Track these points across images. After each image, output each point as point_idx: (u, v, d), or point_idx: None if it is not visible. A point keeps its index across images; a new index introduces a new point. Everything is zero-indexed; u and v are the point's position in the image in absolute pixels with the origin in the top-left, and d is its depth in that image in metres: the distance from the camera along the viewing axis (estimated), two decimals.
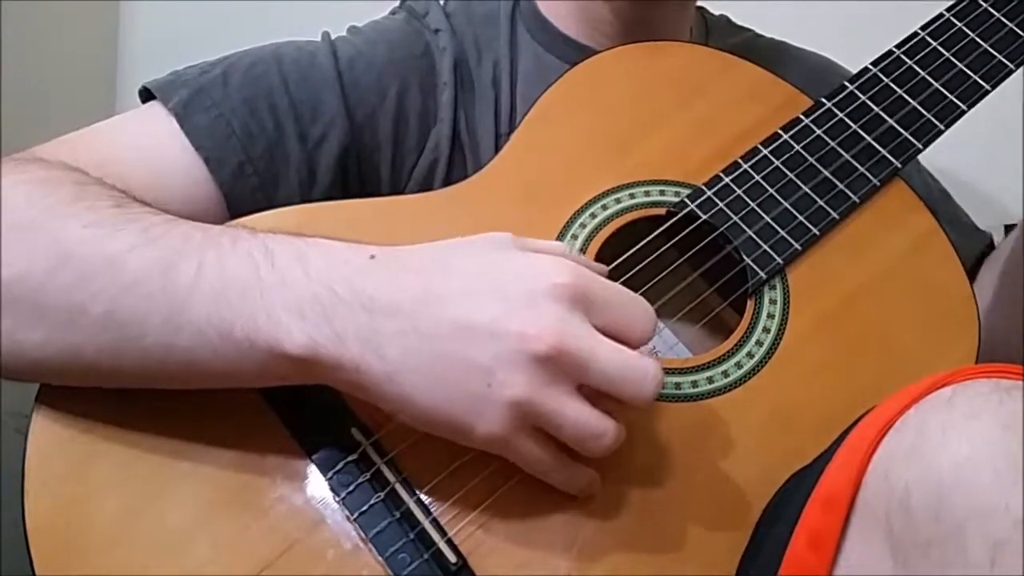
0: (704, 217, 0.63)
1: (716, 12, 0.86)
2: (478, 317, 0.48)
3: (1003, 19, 0.68)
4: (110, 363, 0.51)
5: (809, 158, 0.65)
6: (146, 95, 0.68)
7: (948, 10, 0.69)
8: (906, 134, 0.65)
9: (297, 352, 0.49)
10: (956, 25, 0.68)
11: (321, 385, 0.52)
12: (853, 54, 0.69)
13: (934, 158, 0.75)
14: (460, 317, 0.49)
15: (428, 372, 0.48)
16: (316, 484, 0.53)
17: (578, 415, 0.49)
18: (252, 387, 0.54)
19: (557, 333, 0.48)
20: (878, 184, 0.64)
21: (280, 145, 0.67)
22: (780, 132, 0.66)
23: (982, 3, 0.68)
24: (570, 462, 0.52)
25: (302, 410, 0.54)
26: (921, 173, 0.84)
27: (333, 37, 0.73)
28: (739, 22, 0.87)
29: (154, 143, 0.65)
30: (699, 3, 0.83)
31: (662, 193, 0.65)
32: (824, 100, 0.67)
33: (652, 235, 0.63)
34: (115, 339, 0.51)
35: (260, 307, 0.49)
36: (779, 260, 0.62)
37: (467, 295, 0.49)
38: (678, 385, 0.58)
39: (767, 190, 0.64)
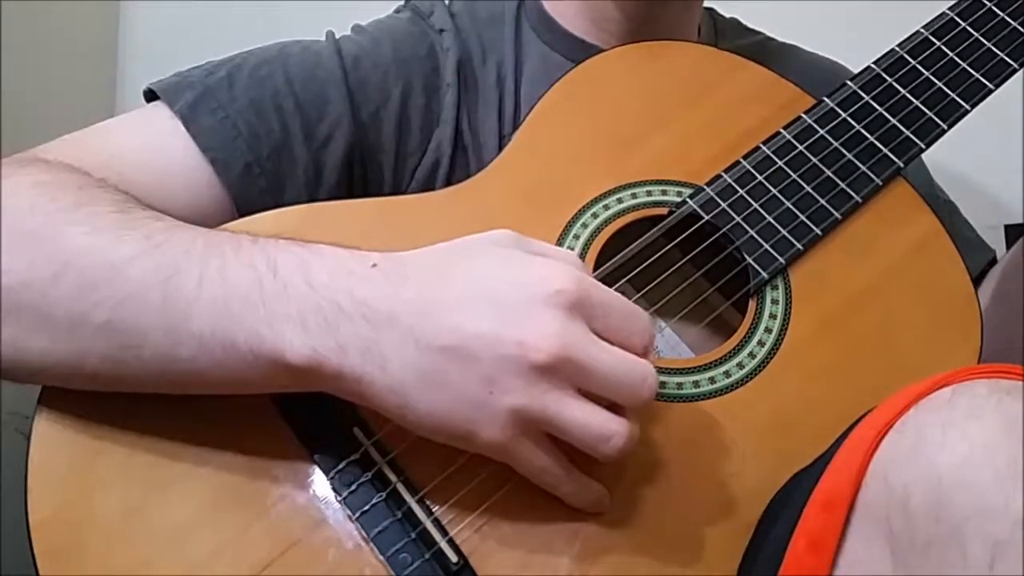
0: (706, 217, 0.63)
1: (727, 15, 0.86)
2: (477, 326, 0.48)
3: (1007, 18, 0.67)
4: (113, 371, 0.52)
5: (811, 157, 0.65)
6: (151, 96, 0.68)
7: (951, 9, 0.68)
8: (908, 133, 0.65)
9: (299, 363, 0.49)
10: (959, 24, 0.68)
11: None
12: (864, 56, 0.69)
13: (935, 157, 0.75)
14: (459, 326, 0.49)
15: (429, 381, 0.48)
16: (318, 483, 0.53)
17: (584, 417, 0.49)
18: None
19: (557, 342, 0.48)
20: (880, 183, 0.64)
21: (287, 146, 0.67)
22: (782, 131, 0.66)
23: (985, 2, 0.68)
24: (578, 473, 0.52)
25: (304, 409, 0.54)
26: (932, 185, 0.83)
27: (337, 36, 0.73)
28: (750, 25, 0.87)
29: (159, 145, 0.65)
30: (709, 4, 0.82)
31: (664, 193, 0.65)
32: (826, 99, 0.67)
33: (654, 235, 0.63)
34: (117, 348, 0.51)
35: (263, 318, 0.49)
36: (781, 260, 0.62)
37: (466, 303, 0.49)
38: (680, 385, 0.58)
39: (769, 189, 0.64)
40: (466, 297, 0.49)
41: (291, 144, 0.67)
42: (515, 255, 0.52)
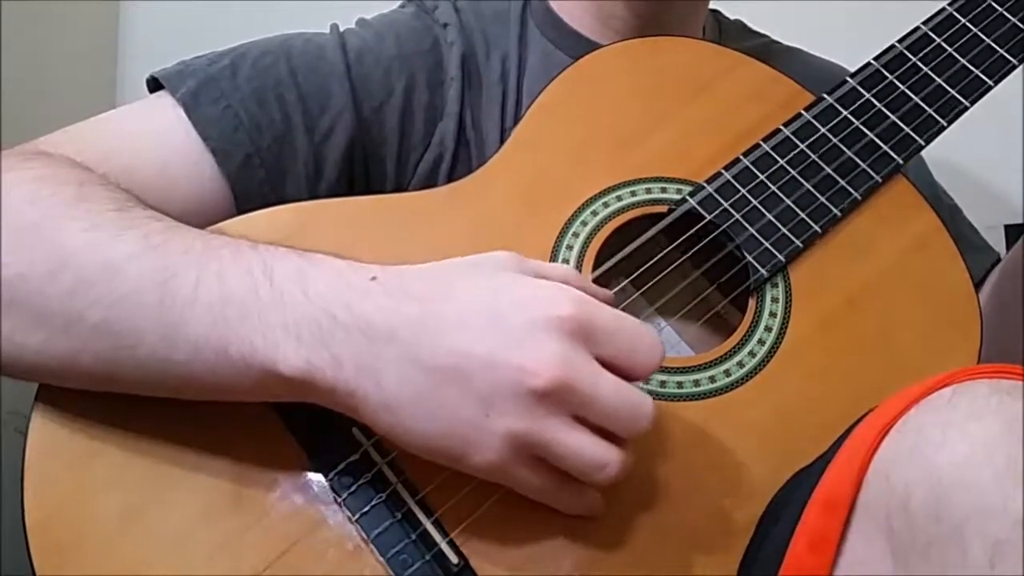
0: (708, 217, 0.63)
1: (732, 16, 0.86)
2: (477, 347, 0.48)
3: (1006, 14, 0.67)
4: (107, 371, 0.51)
5: (811, 155, 0.65)
6: (154, 85, 0.68)
7: (950, 5, 0.68)
8: (908, 130, 0.65)
9: (292, 374, 0.49)
10: (959, 20, 0.68)
11: None
12: (868, 58, 0.68)
13: (935, 156, 0.74)
14: (458, 346, 0.48)
15: (425, 401, 0.48)
16: (317, 485, 0.53)
17: (580, 446, 0.49)
18: None
19: (557, 368, 0.47)
20: (880, 181, 0.64)
21: (288, 137, 0.67)
22: (782, 128, 0.66)
23: None
24: (572, 487, 0.51)
25: (304, 410, 0.53)
26: (935, 187, 0.83)
27: (342, 29, 0.73)
28: (754, 27, 0.86)
29: (161, 134, 0.65)
30: (714, 6, 0.82)
31: (664, 190, 0.64)
32: (826, 96, 0.67)
33: (653, 233, 0.62)
34: (111, 348, 0.50)
35: (257, 327, 0.49)
36: (781, 258, 0.62)
37: (466, 324, 0.48)
38: (680, 384, 0.58)
39: (769, 187, 0.64)
40: (467, 317, 0.49)
41: (292, 136, 0.67)
42: (517, 277, 0.51)
